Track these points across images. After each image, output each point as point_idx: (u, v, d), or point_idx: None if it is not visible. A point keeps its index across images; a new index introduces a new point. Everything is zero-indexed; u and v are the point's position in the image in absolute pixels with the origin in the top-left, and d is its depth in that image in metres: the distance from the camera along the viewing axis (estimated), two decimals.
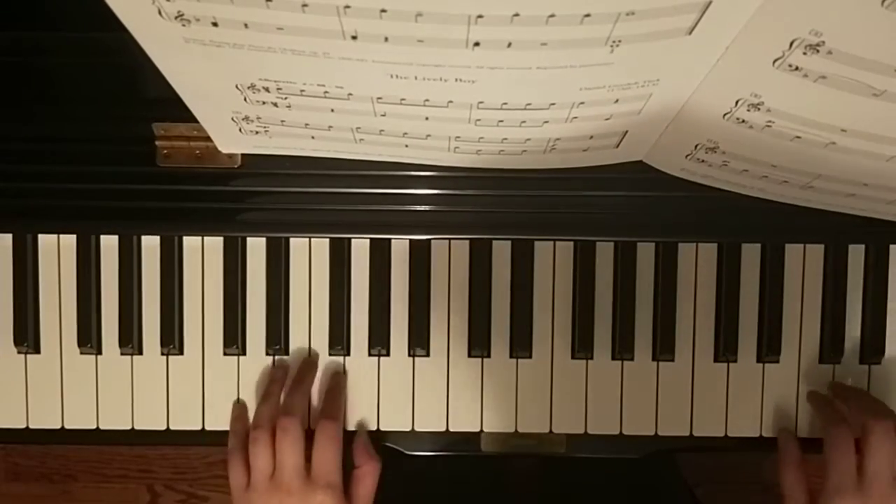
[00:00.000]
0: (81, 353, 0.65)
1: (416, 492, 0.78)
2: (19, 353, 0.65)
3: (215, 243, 0.64)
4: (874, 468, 0.55)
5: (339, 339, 0.64)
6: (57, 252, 0.64)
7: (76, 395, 0.65)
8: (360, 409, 0.64)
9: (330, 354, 0.64)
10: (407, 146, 0.55)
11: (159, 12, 0.39)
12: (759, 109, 0.46)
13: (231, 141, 0.59)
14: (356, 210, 0.62)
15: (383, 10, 0.37)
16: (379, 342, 0.64)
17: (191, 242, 0.64)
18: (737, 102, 0.46)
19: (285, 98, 0.49)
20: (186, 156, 0.61)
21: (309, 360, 0.64)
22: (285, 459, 0.57)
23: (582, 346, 0.64)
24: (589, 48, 0.40)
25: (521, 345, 0.64)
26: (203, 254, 0.65)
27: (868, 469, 0.55)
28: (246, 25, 0.40)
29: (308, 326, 0.65)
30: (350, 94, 0.47)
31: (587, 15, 0.37)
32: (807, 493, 0.58)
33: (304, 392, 0.63)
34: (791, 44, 0.40)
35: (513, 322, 0.64)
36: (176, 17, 0.40)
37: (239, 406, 0.64)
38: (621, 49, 0.40)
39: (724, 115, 0.48)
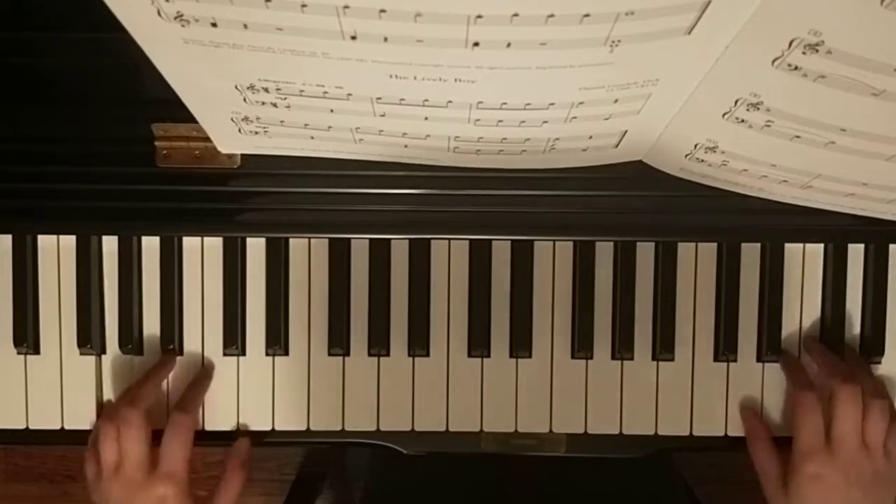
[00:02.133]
0: (81, 353, 0.65)
1: (415, 492, 0.78)
2: (19, 353, 0.65)
3: (215, 244, 0.64)
4: (841, 430, 0.56)
5: (339, 340, 0.64)
6: (56, 253, 0.64)
7: (76, 396, 0.65)
8: (360, 409, 0.64)
9: (329, 354, 0.64)
10: (406, 146, 0.55)
11: (158, 13, 0.39)
12: (758, 109, 0.46)
13: (230, 141, 0.59)
14: (356, 210, 0.62)
15: (382, 11, 0.37)
16: (379, 342, 0.64)
17: (190, 243, 0.64)
18: (736, 102, 0.46)
19: (285, 98, 0.49)
20: (186, 156, 0.61)
21: (167, 357, 0.64)
22: (127, 450, 0.58)
23: (582, 346, 0.64)
24: (588, 48, 0.40)
25: (520, 344, 0.64)
26: (203, 254, 0.65)
27: (835, 432, 0.56)
28: (245, 26, 0.40)
29: (308, 327, 0.64)
30: (349, 95, 0.47)
31: (586, 15, 0.37)
32: (779, 465, 0.59)
33: (153, 384, 0.62)
34: (790, 43, 0.40)
35: (512, 322, 0.64)
36: (175, 18, 0.40)
37: (107, 404, 0.64)
38: (620, 49, 0.40)
39: (724, 114, 0.48)
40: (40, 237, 0.64)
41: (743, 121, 0.48)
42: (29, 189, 0.63)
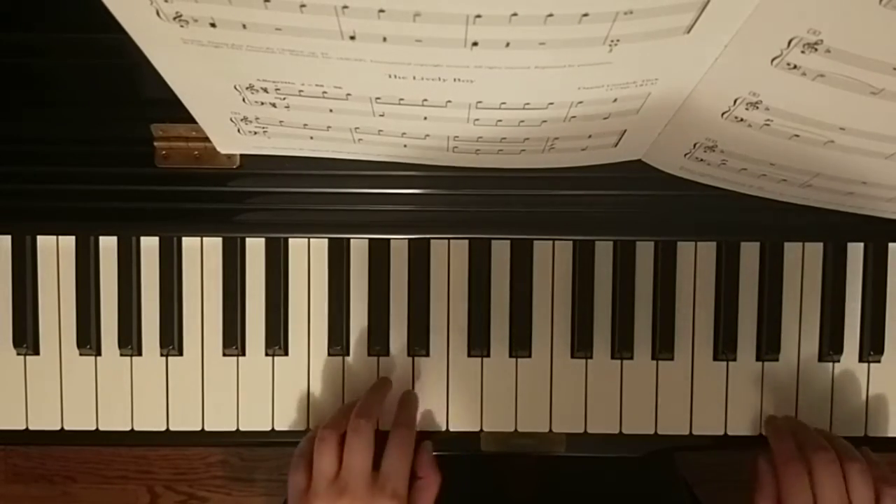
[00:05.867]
0: (81, 354, 0.65)
1: None
2: (18, 354, 0.65)
3: (214, 244, 0.64)
4: (825, 498, 0.55)
5: (339, 339, 0.64)
6: (56, 253, 0.64)
7: (76, 397, 0.65)
8: None
9: (329, 354, 0.64)
10: (405, 146, 0.55)
11: (157, 13, 0.39)
12: (757, 108, 0.46)
13: (230, 141, 0.59)
14: (355, 210, 0.62)
15: (381, 11, 0.37)
16: (378, 342, 0.64)
17: (190, 243, 0.64)
18: (735, 101, 0.46)
19: (284, 98, 0.49)
20: (185, 156, 0.61)
21: (384, 377, 0.64)
22: (353, 460, 0.54)
23: (581, 346, 0.64)
24: (587, 48, 0.40)
25: (520, 344, 0.64)
26: (202, 254, 0.65)
27: (820, 500, 0.56)
28: (244, 26, 0.40)
29: (307, 327, 0.65)
30: (348, 95, 0.47)
31: (585, 14, 0.37)
32: None
33: (379, 399, 0.61)
34: (789, 42, 0.40)
35: (512, 321, 0.64)
36: (174, 18, 0.40)
37: (316, 426, 0.63)
38: (620, 48, 0.40)
39: (723, 113, 0.48)
40: (40, 238, 0.64)
41: (742, 120, 0.48)
42: (28, 190, 0.62)
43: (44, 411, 0.65)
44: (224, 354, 0.65)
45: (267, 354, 0.65)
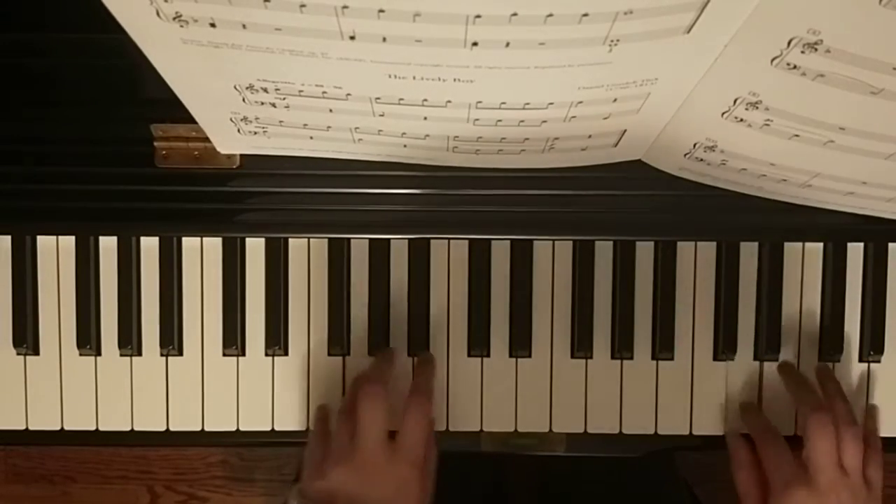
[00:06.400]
0: (81, 354, 0.64)
1: None
2: (18, 354, 0.65)
3: (214, 244, 0.64)
4: (817, 459, 0.55)
5: (338, 339, 0.64)
6: (56, 253, 0.64)
7: (75, 397, 0.65)
8: None
9: (329, 354, 0.64)
10: (405, 146, 0.55)
11: (157, 13, 0.39)
12: (757, 108, 0.46)
13: (229, 141, 0.59)
14: (355, 210, 0.62)
15: (381, 11, 0.37)
16: (378, 342, 0.64)
17: (190, 243, 0.64)
18: (735, 101, 0.46)
19: (284, 98, 0.49)
20: (185, 156, 0.61)
21: (388, 348, 0.63)
22: (367, 426, 0.53)
23: (581, 346, 0.64)
24: (587, 47, 0.40)
25: (520, 344, 0.64)
26: (202, 254, 0.65)
27: (811, 460, 0.56)
28: (244, 26, 0.40)
29: (307, 327, 0.65)
30: (348, 95, 0.47)
31: (585, 14, 0.37)
32: (760, 489, 0.59)
33: (388, 367, 0.60)
34: (789, 42, 0.40)
35: (512, 321, 0.64)
36: (174, 18, 0.40)
37: (322, 407, 0.62)
38: (619, 48, 0.40)
39: (723, 113, 0.48)
40: (39, 238, 0.64)
41: (742, 120, 0.48)
42: (28, 190, 0.62)
43: (44, 411, 0.65)
44: (224, 354, 0.65)
45: (267, 354, 0.65)
